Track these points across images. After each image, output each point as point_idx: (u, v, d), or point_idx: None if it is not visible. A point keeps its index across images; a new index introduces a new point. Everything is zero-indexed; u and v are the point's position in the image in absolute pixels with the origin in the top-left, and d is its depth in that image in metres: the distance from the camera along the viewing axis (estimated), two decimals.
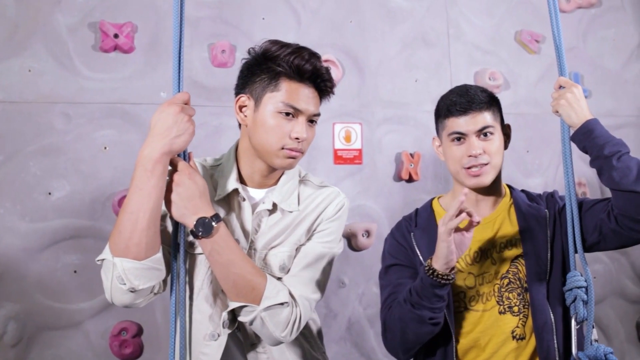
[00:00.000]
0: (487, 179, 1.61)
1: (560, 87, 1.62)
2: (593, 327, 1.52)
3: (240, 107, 1.48)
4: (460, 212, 1.44)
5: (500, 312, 1.59)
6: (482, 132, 1.61)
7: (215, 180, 1.52)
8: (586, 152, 1.56)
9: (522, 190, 1.75)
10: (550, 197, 1.71)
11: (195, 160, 1.54)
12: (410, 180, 2.56)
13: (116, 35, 2.30)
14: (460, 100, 1.62)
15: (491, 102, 1.65)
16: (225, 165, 1.53)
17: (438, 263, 1.45)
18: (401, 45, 2.61)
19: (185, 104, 1.38)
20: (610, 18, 2.88)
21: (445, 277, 1.45)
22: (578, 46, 2.83)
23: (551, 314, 1.57)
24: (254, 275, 1.39)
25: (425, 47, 2.64)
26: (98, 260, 1.35)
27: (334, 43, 2.54)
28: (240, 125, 1.51)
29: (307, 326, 1.61)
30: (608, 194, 1.60)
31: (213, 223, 1.35)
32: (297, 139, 1.43)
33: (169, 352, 1.39)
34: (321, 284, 1.51)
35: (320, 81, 1.47)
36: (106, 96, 2.29)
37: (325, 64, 2.42)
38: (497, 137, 1.63)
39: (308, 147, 1.50)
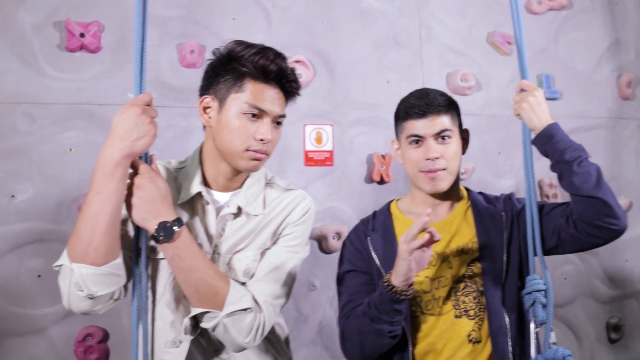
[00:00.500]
0: (443, 185, 1.63)
1: (522, 90, 1.62)
2: (552, 330, 1.53)
3: (205, 108, 1.45)
4: (423, 230, 1.44)
5: (456, 316, 1.60)
6: (440, 136, 1.62)
7: (179, 183, 1.50)
8: (547, 156, 1.57)
9: (480, 193, 1.76)
10: (508, 199, 1.71)
11: (159, 163, 1.51)
12: (381, 182, 2.55)
13: (82, 35, 2.25)
14: (419, 103, 1.63)
15: (450, 106, 1.66)
16: (190, 168, 1.50)
17: (397, 280, 1.45)
18: (373, 46, 2.60)
19: (148, 105, 1.36)
20: (581, 20, 2.90)
21: (404, 292, 1.45)
22: (549, 48, 2.84)
23: (506, 317, 1.58)
24: (217, 281, 1.36)
25: (397, 48, 2.62)
26: (56, 266, 1.32)
27: (304, 43, 2.52)
28: (204, 127, 1.49)
29: (272, 331, 1.59)
30: None
31: (175, 227, 1.32)
32: (262, 140, 1.41)
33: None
34: (286, 289, 1.49)
35: (286, 82, 1.45)
36: (72, 97, 2.24)
37: (295, 65, 2.42)
38: (455, 141, 1.64)
39: (274, 148, 1.48)
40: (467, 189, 1.76)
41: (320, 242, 2.46)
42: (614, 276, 2.85)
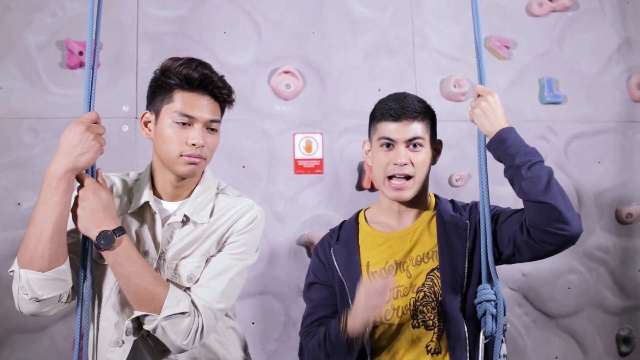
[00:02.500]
0: (408, 194, 1.62)
1: (479, 95, 1.60)
2: (503, 342, 1.51)
3: (145, 123, 1.56)
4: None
5: (413, 327, 1.59)
6: (412, 143, 1.61)
7: (133, 193, 1.60)
8: (501, 161, 1.54)
9: (451, 201, 1.74)
10: (474, 207, 1.68)
11: (117, 175, 1.64)
12: (372, 189, 2.57)
13: (81, 53, 2.41)
14: (395, 106, 1.63)
15: (426, 114, 1.65)
16: (142, 179, 1.61)
17: (354, 329, 1.46)
18: (364, 55, 2.62)
19: (95, 122, 1.47)
20: (588, 21, 2.80)
21: (358, 339, 1.48)
22: (552, 50, 2.76)
23: (465, 328, 1.56)
24: (155, 286, 1.45)
25: (389, 56, 2.64)
26: (10, 272, 1.45)
27: (295, 54, 2.58)
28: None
29: (224, 333, 1.67)
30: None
31: (114, 236, 1.42)
32: (193, 144, 1.50)
33: (73, 358, 1.47)
34: (228, 294, 1.56)
35: (213, 88, 1.53)
36: (71, 111, 2.40)
37: (284, 75, 2.49)
38: (426, 150, 1.63)
39: (211, 154, 1.57)
40: (437, 197, 1.75)
41: (309, 248, 2.51)
42: (625, 286, 2.73)
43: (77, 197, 1.45)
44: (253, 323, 2.46)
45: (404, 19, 2.66)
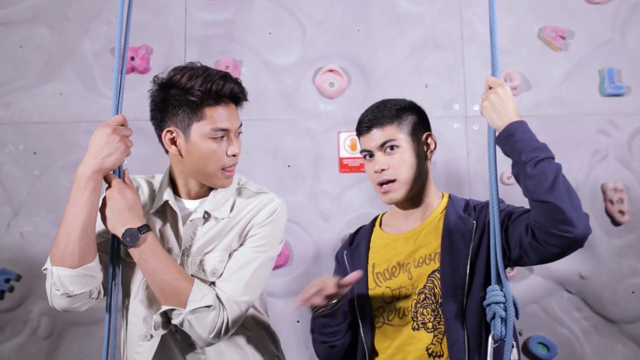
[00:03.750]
0: (397, 196, 1.61)
1: (490, 88, 1.53)
2: (513, 347, 1.44)
3: (170, 140, 1.57)
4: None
5: (413, 329, 1.57)
6: (386, 146, 1.61)
7: (156, 194, 1.65)
8: (510, 157, 1.47)
9: (467, 200, 1.68)
10: (485, 207, 1.61)
11: (143, 176, 1.69)
12: None
13: (132, 58, 2.51)
14: (365, 119, 1.66)
15: (399, 114, 1.64)
16: (162, 181, 1.66)
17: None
18: (410, 51, 2.58)
19: (122, 125, 1.53)
20: None
21: (316, 310, 1.53)
22: (614, 39, 2.59)
23: (465, 331, 1.51)
24: (179, 281, 1.49)
25: (436, 51, 2.58)
26: (43, 269, 1.53)
27: (340, 52, 2.57)
28: (166, 151, 1.61)
29: (253, 329, 1.69)
30: None
31: (139, 233, 1.47)
32: (234, 155, 1.56)
33: (103, 351, 1.54)
34: (252, 287, 1.58)
35: (237, 94, 1.57)
36: (124, 114, 2.48)
37: (328, 74, 2.50)
38: (406, 149, 1.62)
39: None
40: (451, 196, 1.71)
41: None
42: None
43: (104, 197, 1.51)
44: (298, 321, 2.47)
45: (452, 12, 2.59)
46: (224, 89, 1.52)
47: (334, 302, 1.53)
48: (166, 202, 1.60)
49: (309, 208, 2.52)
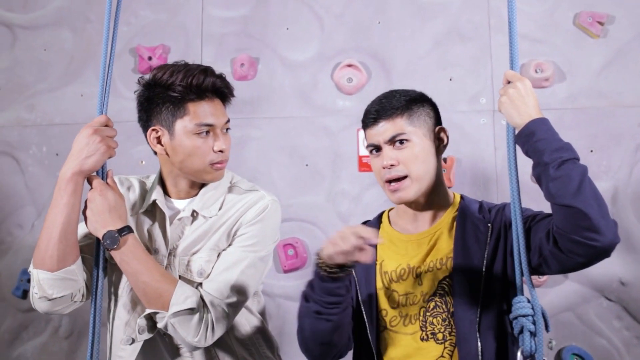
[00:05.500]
0: (408, 194, 1.48)
1: (509, 82, 1.41)
2: None
3: (156, 139, 1.54)
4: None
5: (422, 339, 1.45)
6: (395, 141, 1.48)
7: (146, 194, 1.62)
8: (530, 158, 1.35)
9: (480, 202, 1.56)
10: (502, 209, 1.50)
11: (137, 177, 1.67)
12: None
13: (150, 58, 2.51)
14: (372, 110, 1.53)
15: (409, 105, 1.51)
16: (153, 181, 1.64)
17: (324, 252, 1.34)
18: (433, 43, 2.44)
19: (106, 125, 1.50)
20: None
21: (326, 268, 1.34)
22: None
23: (479, 343, 1.38)
24: (161, 283, 1.45)
25: (461, 43, 2.43)
26: (28, 271, 1.52)
27: (359, 46, 2.47)
28: (155, 152, 1.58)
29: (246, 332, 1.63)
30: None
31: (119, 235, 1.43)
32: (220, 151, 1.52)
33: (87, 355, 1.50)
34: (239, 288, 1.52)
35: (221, 89, 1.53)
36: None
37: (347, 69, 2.43)
38: (417, 143, 1.49)
39: (229, 152, 1.57)
40: (462, 197, 1.58)
41: None
42: None
43: (87, 200, 1.49)
44: None
45: (478, 1, 2.44)
46: (205, 83, 1.48)
47: (350, 265, 1.35)
48: (154, 201, 1.56)
49: (327, 208, 2.43)
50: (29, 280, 2.46)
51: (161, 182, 1.61)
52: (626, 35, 2.39)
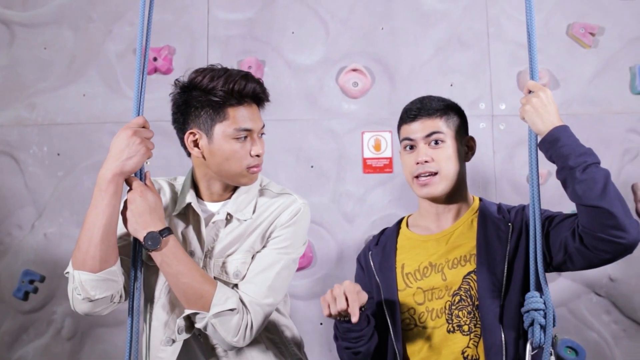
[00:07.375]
0: (436, 190, 1.59)
1: (530, 92, 1.51)
2: (551, 355, 1.40)
3: (193, 142, 1.56)
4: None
5: (448, 331, 1.55)
6: (432, 139, 1.59)
7: (178, 196, 1.65)
8: (553, 162, 1.45)
9: (498, 204, 1.67)
10: (521, 210, 1.62)
11: (165, 179, 1.69)
12: None
13: (155, 59, 2.51)
14: (413, 107, 1.64)
15: (447, 110, 1.64)
16: (185, 183, 1.65)
17: (323, 313, 1.48)
18: (435, 49, 2.53)
19: (144, 127, 1.52)
20: None
21: (340, 317, 1.47)
22: None
23: (502, 335, 1.49)
24: (202, 284, 1.48)
25: (461, 49, 2.53)
26: (65, 273, 1.52)
27: (363, 51, 2.54)
28: (189, 154, 1.60)
29: (276, 332, 1.68)
30: None
31: (161, 237, 1.46)
32: (257, 155, 1.56)
33: (125, 356, 1.52)
34: (275, 289, 1.56)
35: (259, 94, 1.57)
36: (146, 115, 2.47)
37: (352, 73, 2.49)
38: (450, 145, 1.61)
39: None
40: (481, 199, 1.70)
41: None
42: None
43: (126, 201, 1.50)
44: (321, 324, 2.45)
45: (478, 9, 2.54)
46: (246, 89, 1.52)
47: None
48: (189, 204, 1.59)
49: (332, 209, 2.49)
50: (30, 282, 2.46)
51: (193, 184, 1.63)
52: (615, 46, 2.53)
